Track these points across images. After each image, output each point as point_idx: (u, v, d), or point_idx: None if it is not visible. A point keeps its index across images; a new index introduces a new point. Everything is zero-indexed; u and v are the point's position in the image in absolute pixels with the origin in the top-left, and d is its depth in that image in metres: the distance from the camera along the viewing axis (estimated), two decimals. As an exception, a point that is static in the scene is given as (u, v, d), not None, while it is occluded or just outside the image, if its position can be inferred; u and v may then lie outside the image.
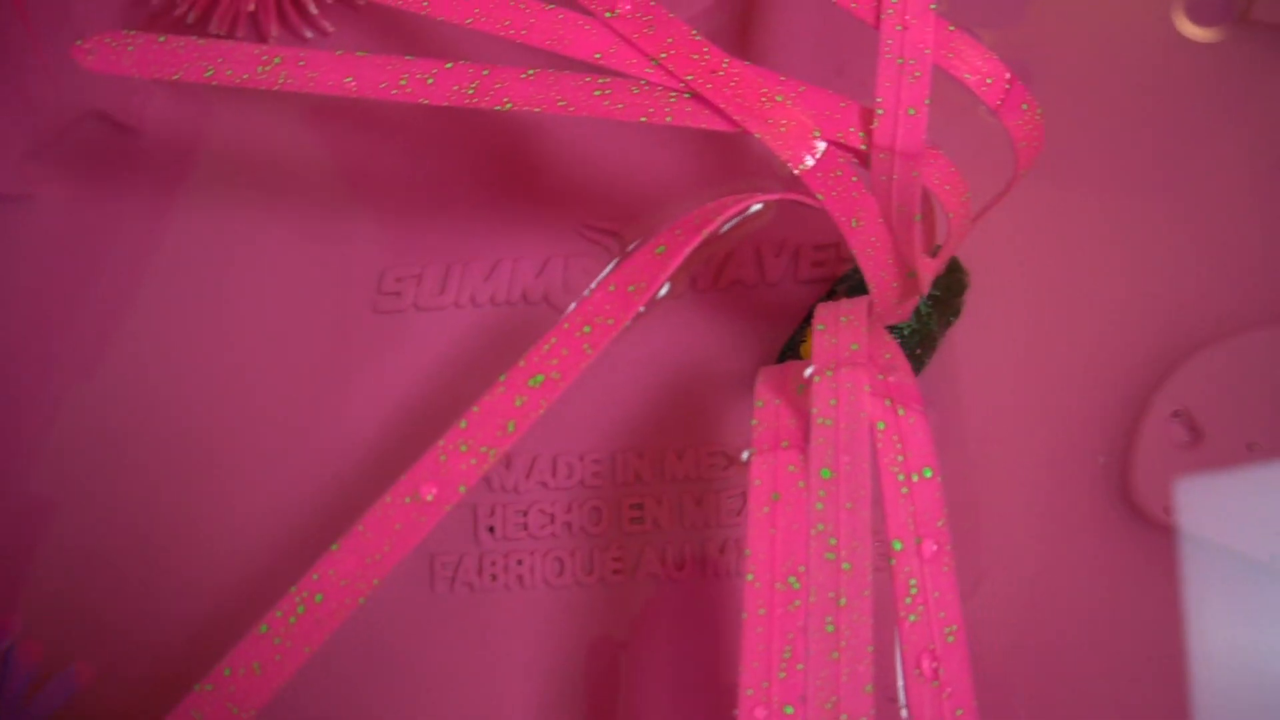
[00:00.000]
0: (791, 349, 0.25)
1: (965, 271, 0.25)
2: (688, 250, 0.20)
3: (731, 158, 0.27)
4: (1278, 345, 0.24)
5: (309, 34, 0.30)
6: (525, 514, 0.25)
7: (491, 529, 0.25)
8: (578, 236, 0.27)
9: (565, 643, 0.25)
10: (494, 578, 0.25)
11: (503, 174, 0.28)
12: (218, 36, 0.29)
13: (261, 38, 0.30)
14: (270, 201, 0.29)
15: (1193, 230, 0.25)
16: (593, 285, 0.27)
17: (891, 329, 0.24)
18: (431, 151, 0.29)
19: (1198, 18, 0.28)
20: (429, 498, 0.19)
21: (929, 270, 0.23)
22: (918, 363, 0.24)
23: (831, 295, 0.25)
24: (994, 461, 0.24)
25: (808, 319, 0.25)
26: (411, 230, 0.28)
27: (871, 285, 0.22)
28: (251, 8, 0.29)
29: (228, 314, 0.28)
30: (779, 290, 0.26)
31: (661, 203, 0.28)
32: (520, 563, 0.25)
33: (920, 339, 0.24)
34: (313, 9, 0.29)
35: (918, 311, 0.24)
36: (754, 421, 0.19)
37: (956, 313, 0.25)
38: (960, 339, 0.25)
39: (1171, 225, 0.25)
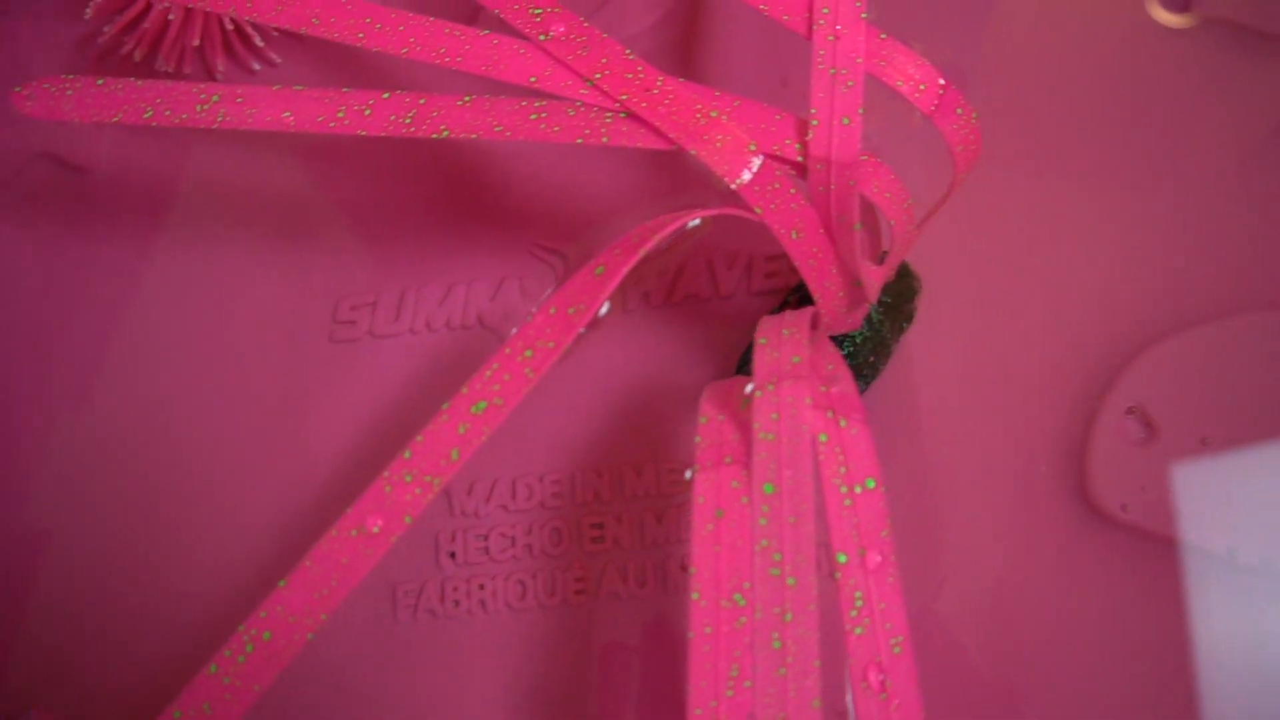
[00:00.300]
0: (748, 361, 0.25)
1: (916, 276, 0.25)
2: (626, 269, 0.20)
3: (681, 171, 0.27)
4: (1227, 338, 0.24)
5: (256, 66, 0.30)
6: (486, 538, 0.25)
7: (453, 554, 0.25)
8: (531, 258, 0.27)
9: (530, 666, 0.24)
10: (456, 604, 0.25)
11: (454, 197, 0.28)
12: (164, 73, 0.29)
13: (209, 72, 0.30)
14: (225, 233, 0.29)
15: (1143, 225, 0.25)
16: (534, 309, 0.27)
17: (844, 337, 0.24)
18: (382, 177, 0.29)
19: (1169, 4, 0.28)
20: (375, 530, 0.19)
21: (876, 278, 0.23)
22: (872, 370, 0.24)
23: (784, 305, 0.25)
24: (953, 464, 0.24)
25: (761, 331, 0.25)
26: (365, 257, 0.28)
27: (816, 295, 0.22)
28: (196, 42, 0.29)
29: (188, 348, 0.28)
30: (733, 303, 0.26)
31: (613, 219, 0.28)
32: (482, 587, 0.25)
33: (873, 346, 0.24)
34: (259, 41, 0.29)
35: (869, 319, 0.24)
36: (697, 438, 0.19)
37: (910, 318, 0.25)
38: (916, 342, 0.25)
39: (1121, 220, 0.26)
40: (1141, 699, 0.23)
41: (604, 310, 0.22)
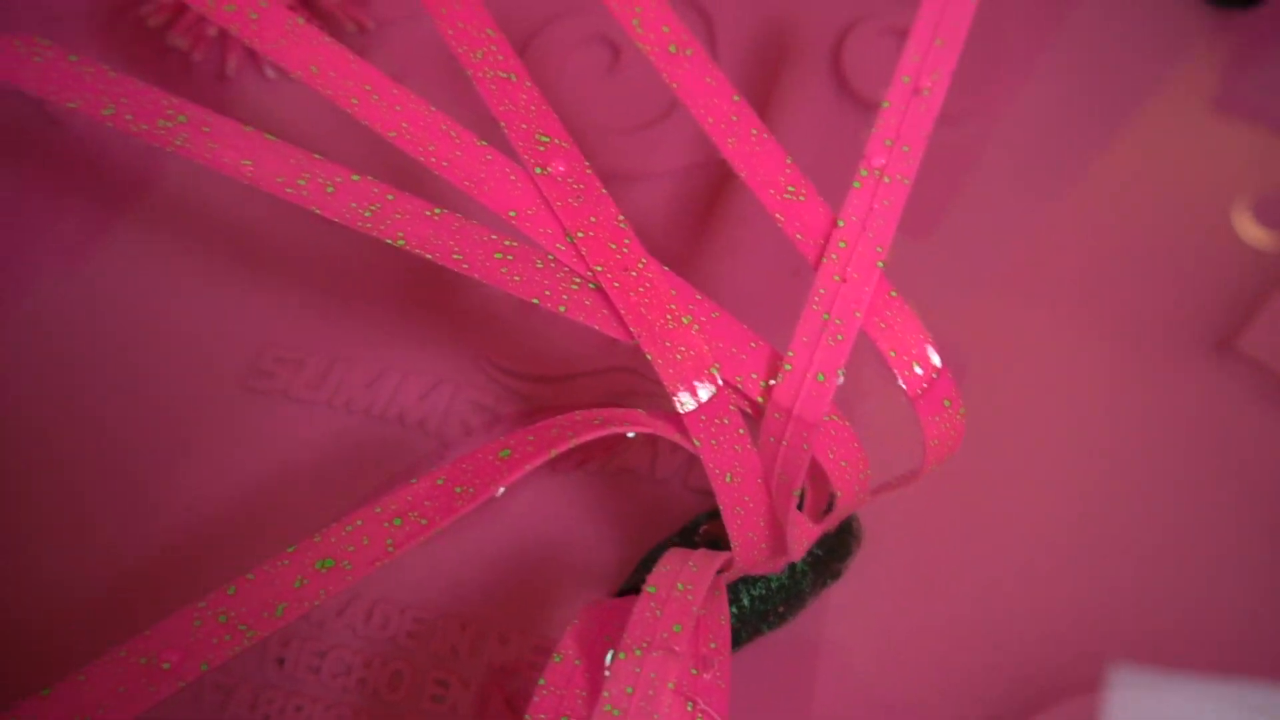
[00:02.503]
0: (652, 561, 0.23)
1: (857, 536, 0.23)
2: (532, 465, 0.18)
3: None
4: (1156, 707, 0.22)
5: (271, 73, 0.28)
6: (323, 656, 0.23)
7: (282, 661, 0.23)
8: (476, 369, 0.25)
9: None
10: (266, 718, 0.23)
11: (420, 279, 0.26)
12: (176, 48, 0.28)
13: (221, 64, 0.28)
14: (176, 239, 0.27)
15: (1107, 550, 0.23)
16: (417, 478, 0.25)
17: (759, 578, 0.22)
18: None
19: (1267, 220, 0.26)
20: (165, 666, 0.17)
21: (808, 537, 0.21)
22: (779, 619, 0.22)
23: (715, 515, 0.23)
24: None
25: (681, 532, 0.23)
26: (306, 312, 0.26)
27: (735, 544, 0.20)
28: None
29: (95, 340, 0.26)
30: (666, 489, 0.24)
31: (581, 357, 0.25)
32: (300, 709, 0.23)
33: (788, 596, 0.22)
34: (275, 52, 0.27)
35: (792, 565, 0.22)
36: (541, 680, 0.17)
37: (836, 576, 0.23)
38: (834, 600, 0.23)
39: (1085, 542, 0.23)
40: None
41: (500, 493, 0.20)
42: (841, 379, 0.18)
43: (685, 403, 0.19)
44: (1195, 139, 0.28)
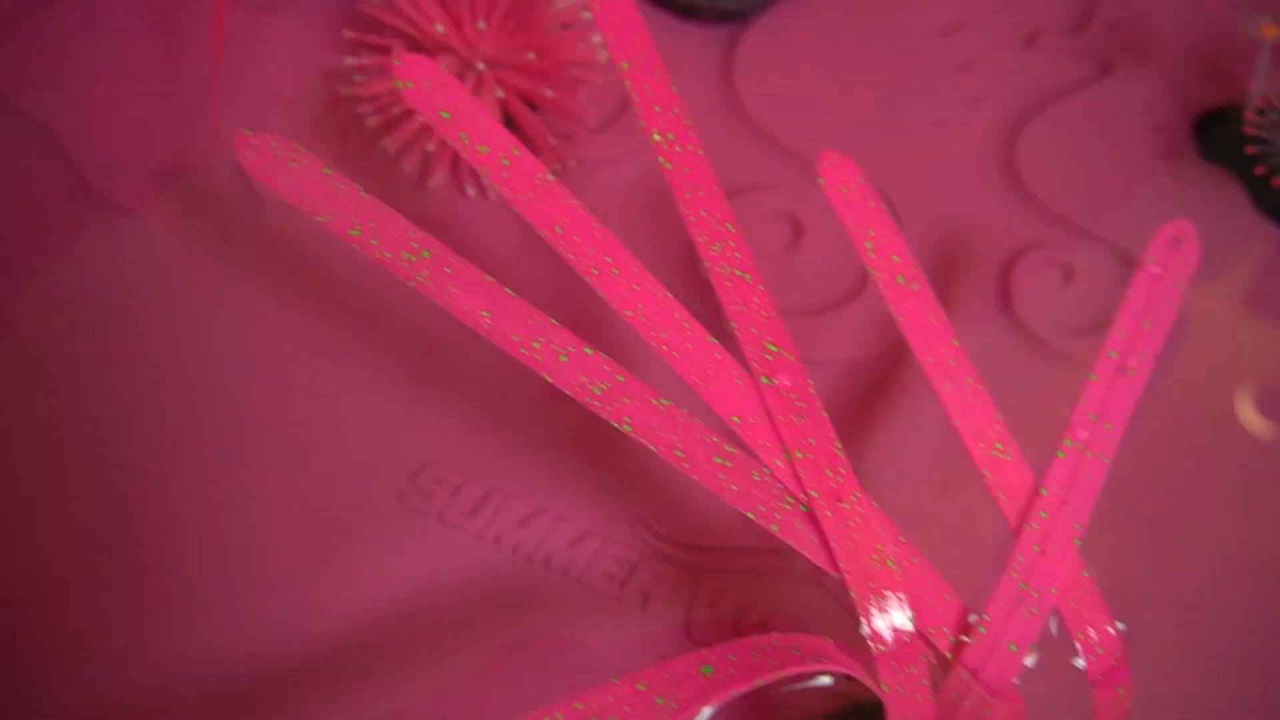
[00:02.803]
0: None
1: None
2: (733, 693, 0.18)
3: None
4: None
5: (471, 191, 0.29)
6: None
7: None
8: (626, 525, 0.26)
9: None
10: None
11: (589, 424, 0.27)
12: (387, 151, 0.28)
13: (424, 177, 0.29)
14: (355, 331, 0.27)
15: None
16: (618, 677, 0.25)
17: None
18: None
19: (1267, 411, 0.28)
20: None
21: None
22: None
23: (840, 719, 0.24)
24: None
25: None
26: (475, 437, 0.26)
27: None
28: (431, 148, 0.28)
29: (263, 422, 0.26)
30: (788, 692, 0.25)
31: (722, 528, 0.26)
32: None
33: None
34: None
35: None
36: None
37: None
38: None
39: None
40: None
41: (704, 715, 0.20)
42: (1034, 660, 0.19)
43: (880, 645, 0.19)
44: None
